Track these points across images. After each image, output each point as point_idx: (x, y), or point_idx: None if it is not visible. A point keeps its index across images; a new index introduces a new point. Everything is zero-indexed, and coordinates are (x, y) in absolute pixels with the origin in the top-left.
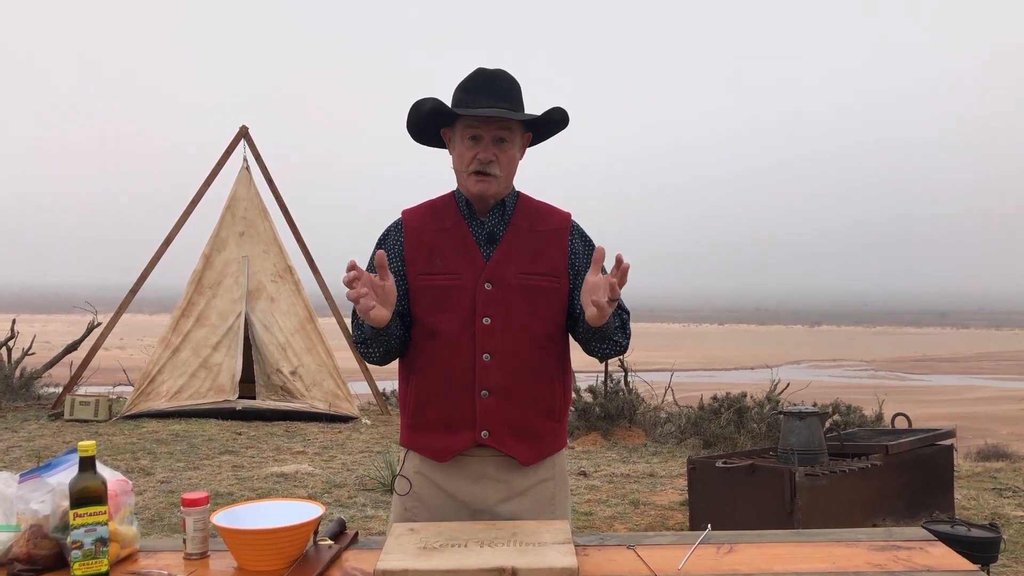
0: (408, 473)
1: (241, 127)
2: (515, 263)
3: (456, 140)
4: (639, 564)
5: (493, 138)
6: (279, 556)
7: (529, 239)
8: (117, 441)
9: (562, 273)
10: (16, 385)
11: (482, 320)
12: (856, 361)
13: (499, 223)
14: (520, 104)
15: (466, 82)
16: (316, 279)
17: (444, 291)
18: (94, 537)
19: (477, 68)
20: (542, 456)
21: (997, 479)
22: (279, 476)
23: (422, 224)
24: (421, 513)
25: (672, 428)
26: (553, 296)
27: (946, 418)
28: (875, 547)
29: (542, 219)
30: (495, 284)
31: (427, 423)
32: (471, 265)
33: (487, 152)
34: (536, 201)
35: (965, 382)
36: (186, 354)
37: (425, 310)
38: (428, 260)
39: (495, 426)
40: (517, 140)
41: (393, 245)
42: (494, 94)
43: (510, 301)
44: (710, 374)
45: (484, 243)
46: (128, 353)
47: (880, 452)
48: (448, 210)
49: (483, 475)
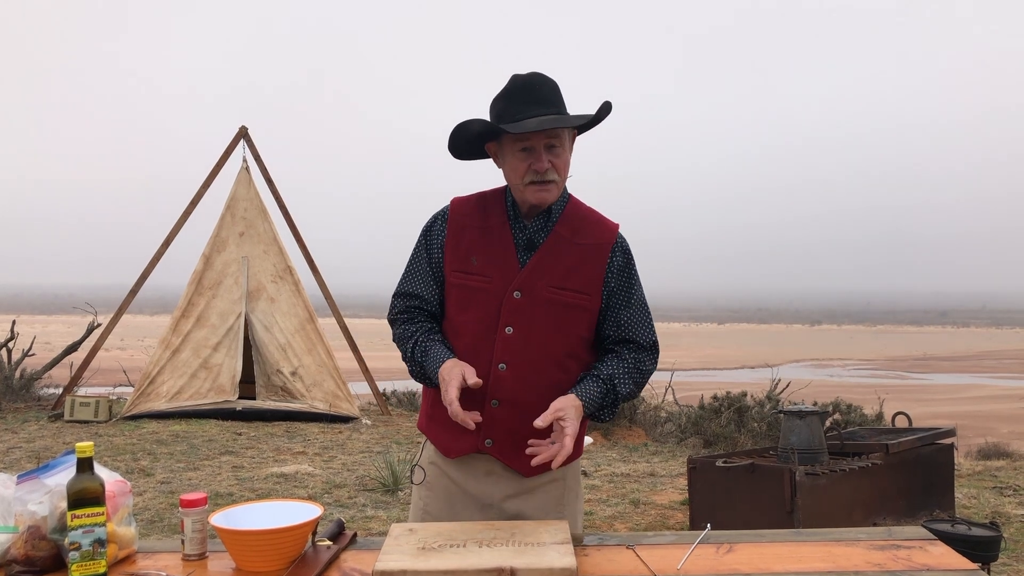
0: (424, 463)
1: (240, 127)
2: (548, 275)
3: (506, 154)
4: (638, 564)
5: (545, 146)
6: (277, 557)
7: (568, 250)
8: (117, 442)
9: (595, 291)
10: (16, 386)
11: (505, 329)
12: (857, 360)
13: (541, 229)
14: (563, 105)
15: (506, 93)
16: (316, 279)
17: (473, 292)
18: (92, 538)
19: (512, 76)
20: (543, 470)
21: (998, 478)
22: (279, 476)
23: (467, 219)
24: (433, 503)
25: (672, 427)
26: (581, 313)
27: (947, 417)
28: (875, 546)
29: (586, 229)
30: (524, 294)
31: (440, 418)
32: (504, 270)
33: (541, 162)
34: (586, 208)
35: (966, 381)
36: (186, 355)
37: (453, 307)
38: (465, 258)
39: (500, 436)
40: (567, 142)
41: (436, 236)
42: (538, 101)
43: (535, 314)
44: (710, 373)
45: (522, 248)
46: (128, 354)
47: (880, 451)
48: (495, 208)
49: (492, 472)
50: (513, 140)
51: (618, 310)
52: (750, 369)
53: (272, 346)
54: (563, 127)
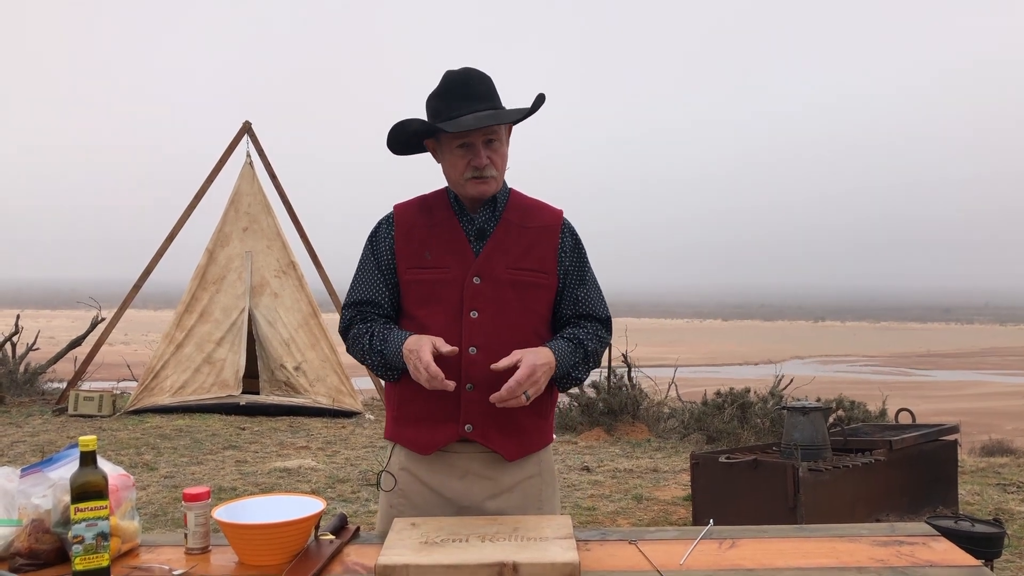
0: (393, 469)
1: (244, 122)
2: (505, 258)
3: (445, 151)
4: (641, 559)
5: (483, 142)
6: (280, 551)
7: (519, 235)
8: (121, 436)
9: (551, 270)
10: (20, 380)
11: (469, 314)
12: (860, 356)
13: (489, 219)
14: (498, 100)
15: (439, 91)
16: (319, 274)
17: (432, 285)
18: (95, 532)
19: (445, 72)
20: (526, 452)
21: (1001, 475)
22: (282, 471)
23: (413, 219)
24: (407, 510)
25: (675, 423)
26: (541, 291)
27: (950, 414)
28: (878, 542)
29: (533, 215)
30: (483, 278)
31: (412, 415)
32: (460, 259)
33: (480, 158)
34: (527, 198)
35: (969, 378)
36: (190, 349)
37: (413, 304)
38: (418, 254)
39: (479, 420)
40: (505, 137)
41: (384, 239)
42: (474, 97)
43: (498, 295)
44: (714, 369)
45: (474, 238)
46: (132, 348)
47: (884, 447)
48: (439, 205)
49: (468, 471)
50: (451, 138)
51: (574, 288)
52: (753, 365)
53: (275, 341)
54: (499, 123)
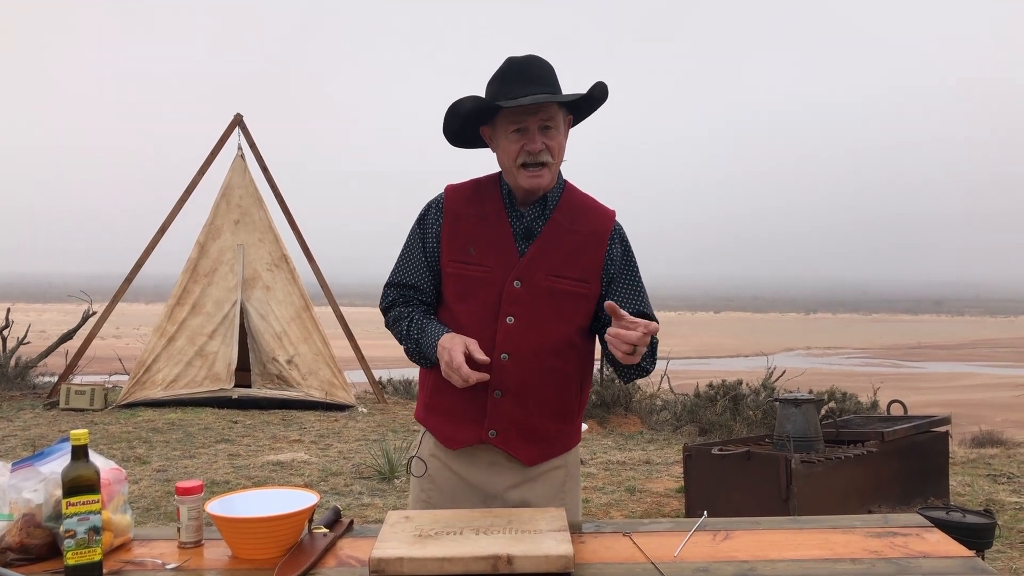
0: (424, 455)
1: (236, 115)
2: (548, 263)
3: (499, 136)
4: (635, 551)
5: (539, 127)
6: (273, 544)
7: (566, 238)
8: (113, 430)
9: (594, 278)
10: (11, 374)
11: (506, 319)
12: (852, 348)
13: (538, 217)
14: (558, 86)
15: (500, 74)
16: (312, 268)
17: (472, 282)
18: (87, 526)
19: (507, 58)
20: (546, 458)
21: (992, 465)
22: (275, 464)
23: (463, 207)
24: (436, 496)
25: (668, 416)
26: (581, 301)
27: (941, 405)
28: (871, 533)
29: (584, 217)
30: (524, 283)
31: (440, 407)
32: (503, 260)
33: (534, 143)
34: (581, 195)
35: (960, 369)
36: (182, 343)
37: (452, 296)
38: (462, 248)
39: (503, 426)
40: (562, 125)
41: (432, 224)
42: (532, 81)
43: (536, 303)
44: (706, 362)
45: (520, 237)
46: (124, 342)
47: (876, 439)
48: (490, 196)
49: (494, 462)
50: (507, 121)
51: (621, 291)
52: (745, 357)
53: (268, 334)
54: (556, 102)
